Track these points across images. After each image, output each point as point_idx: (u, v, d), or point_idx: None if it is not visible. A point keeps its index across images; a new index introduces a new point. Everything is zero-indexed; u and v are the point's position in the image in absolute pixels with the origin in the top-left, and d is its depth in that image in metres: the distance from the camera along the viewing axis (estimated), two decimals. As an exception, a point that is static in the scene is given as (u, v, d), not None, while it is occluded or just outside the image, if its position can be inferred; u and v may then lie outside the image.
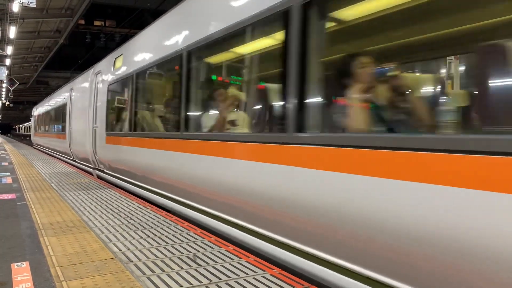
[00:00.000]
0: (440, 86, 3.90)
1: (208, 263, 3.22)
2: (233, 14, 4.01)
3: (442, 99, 3.66)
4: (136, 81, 6.98)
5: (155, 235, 4.06)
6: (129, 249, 3.59)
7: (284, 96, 3.30)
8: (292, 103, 3.16)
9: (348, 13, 3.43)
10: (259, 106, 4.42)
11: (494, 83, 2.58)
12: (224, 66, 5.22)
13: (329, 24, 3.41)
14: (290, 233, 3.30)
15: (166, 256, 3.40)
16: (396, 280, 2.46)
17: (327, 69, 3.32)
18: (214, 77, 5.47)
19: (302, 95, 3.12)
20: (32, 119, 27.95)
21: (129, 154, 7.11)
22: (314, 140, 2.99)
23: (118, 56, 8.19)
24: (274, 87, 3.94)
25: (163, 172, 5.76)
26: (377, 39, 3.76)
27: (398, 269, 2.44)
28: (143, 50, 6.92)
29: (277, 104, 3.78)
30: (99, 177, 9.26)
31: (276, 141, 3.34)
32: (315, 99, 3.18)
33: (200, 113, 5.16)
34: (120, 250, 3.56)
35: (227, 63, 5.21)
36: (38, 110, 24.27)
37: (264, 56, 4.19)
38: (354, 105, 2.98)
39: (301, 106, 3.12)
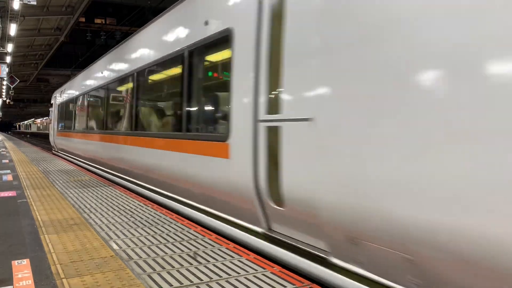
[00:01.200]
0: None
1: (208, 261, 3.22)
2: None
3: None
4: None
5: (156, 232, 4.07)
6: (129, 246, 3.59)
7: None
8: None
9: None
10: None
11: None
12: None
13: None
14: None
15: (166, 253, 3.40)
16: None
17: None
18: None
19: None
20: (53, 110, 17.96)
21: None
22: None
23: None
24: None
25: None
26: None
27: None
28: None
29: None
30: None
31: None
32: None
33: None
34: (121, 247, 3.56)
35: None
36: (68, 93, 14.27)
37: None
38: None
39: None
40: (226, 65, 4.23)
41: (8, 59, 20.94)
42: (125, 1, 28.02)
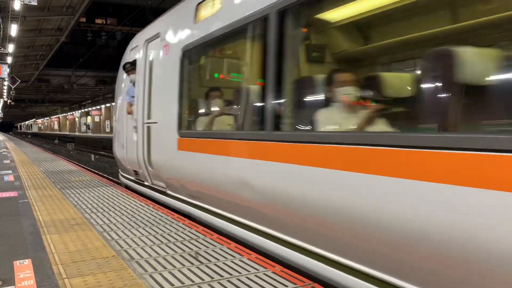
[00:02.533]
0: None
1: (210, 261, 3.23)
2: None
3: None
4: None
5: (157, 232, 4.07)
6: (131, 246, 3.59)
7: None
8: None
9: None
10: None
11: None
12: None
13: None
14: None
15: (168, 253, 3.40)
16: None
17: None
18: None
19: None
20: (140, 78, 6.36)
21: None
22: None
23: None
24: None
25: None
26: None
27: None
28: None
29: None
30: None
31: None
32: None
33: None
34: (122, 247, 3.56)
35: None
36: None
37: None
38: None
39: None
40: None
41: (9, 59, 20.95)
42: (125, 1, 28.00)
